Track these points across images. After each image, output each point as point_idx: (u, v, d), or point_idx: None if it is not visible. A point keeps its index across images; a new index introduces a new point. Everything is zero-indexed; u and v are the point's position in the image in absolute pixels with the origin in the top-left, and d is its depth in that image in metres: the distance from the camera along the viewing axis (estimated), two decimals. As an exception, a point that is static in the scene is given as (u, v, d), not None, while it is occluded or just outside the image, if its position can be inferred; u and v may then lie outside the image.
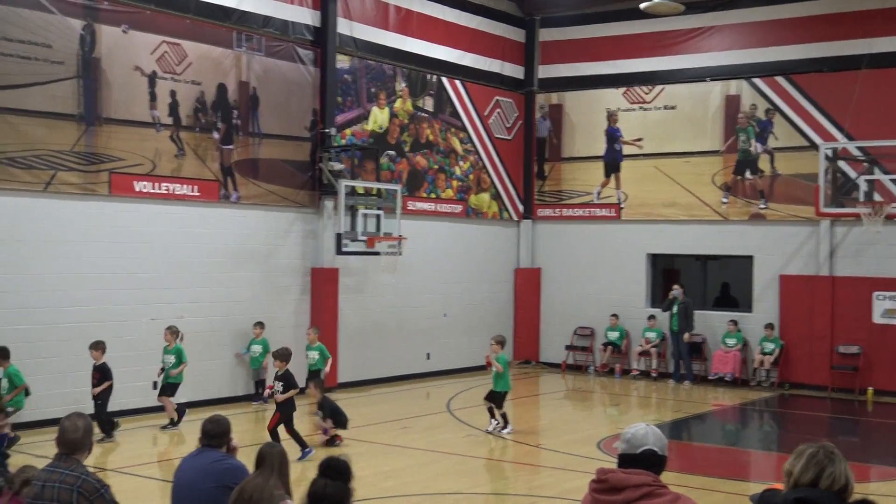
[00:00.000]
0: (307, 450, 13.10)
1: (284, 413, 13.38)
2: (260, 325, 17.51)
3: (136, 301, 16.21)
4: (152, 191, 16.47)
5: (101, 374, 14.37)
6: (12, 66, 14.65)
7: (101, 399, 14.33)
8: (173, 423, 15.22)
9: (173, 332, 15.49)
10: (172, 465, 7.27)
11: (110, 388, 14.40)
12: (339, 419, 14.38)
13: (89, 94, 15.62)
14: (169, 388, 15.46)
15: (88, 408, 14.15)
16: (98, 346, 14.45)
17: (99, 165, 15.76)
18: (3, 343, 14.02)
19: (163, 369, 15.47)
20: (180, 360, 15.41)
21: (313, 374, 16.24)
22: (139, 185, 16.29)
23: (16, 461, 7.23)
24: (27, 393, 14.25)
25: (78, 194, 15.48)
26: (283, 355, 13.61)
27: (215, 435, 6.92)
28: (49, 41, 15.07)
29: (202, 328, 17.13)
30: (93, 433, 6.19)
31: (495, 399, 15.52)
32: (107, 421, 14.17)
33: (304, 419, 16.20)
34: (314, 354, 16.67)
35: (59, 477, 5.90)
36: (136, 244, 16.25)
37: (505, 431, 15.34)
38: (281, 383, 13.42)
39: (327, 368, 16.69)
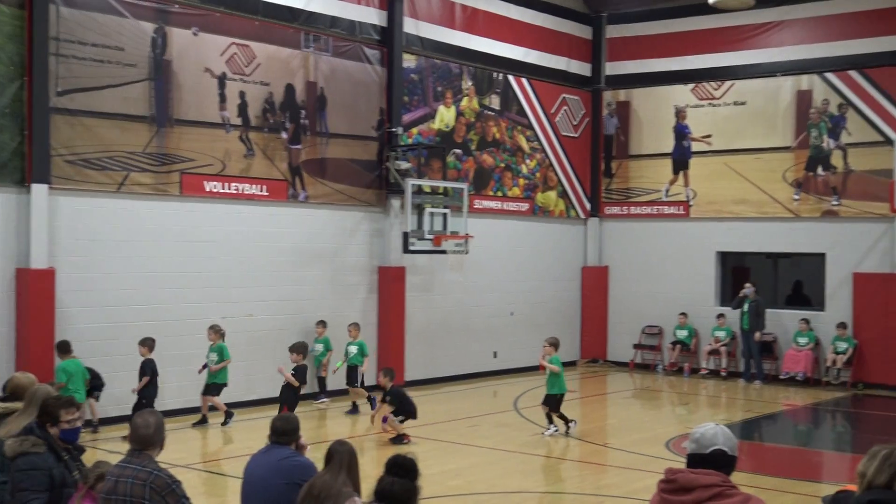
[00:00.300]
0: None
1: (290, 404, 13.88)
2: (322, 323, 17.66)
3: (207, 299, 16.44)
4: (222, 191, 16.70)
5: (142, 371, 14.51)
6: (87, 69, 14.96)
7: (145, 398, 14.37)
8: (229, 416, 15.50)
9: (216, 331, 15.64)
10: (241, 461, 7.36)
11: (153, 385, 14.49)
12: (408, 409, 14.45)
13: (160, 96, 15.89)
14: (214, 388, 15.56)
15: (157, 405, 14.42)
16: (145, 343, 14.60)
17: (170, 166, 16.02)
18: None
19: (205, 366, 15.65)
20: (222, 358, 15.61)
21: (351, 370, 17.26)
22: (209, 185, 16.53)
23: (88, 457, 7.37)
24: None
25: (150, 194, 15.76)
26: (299, 348, 14.19)
27: (284, 432, 7.00)
28: (122, 44, 15.35)
29: (270, 326, 17.32)
30: (164, 429, 6.29)
31: (550, 402, 15.31)
32: None
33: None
34: (353, 349, 17.36)
35: (132, 472, 6.01)
36: (205, 243, 16.49)
37: (569, 430, 15.22)
38: (292, 373, 14.14)
39: (365, 366, 17.32)
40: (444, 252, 19.41)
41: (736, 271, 23.24)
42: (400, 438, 14.28)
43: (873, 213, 20.64)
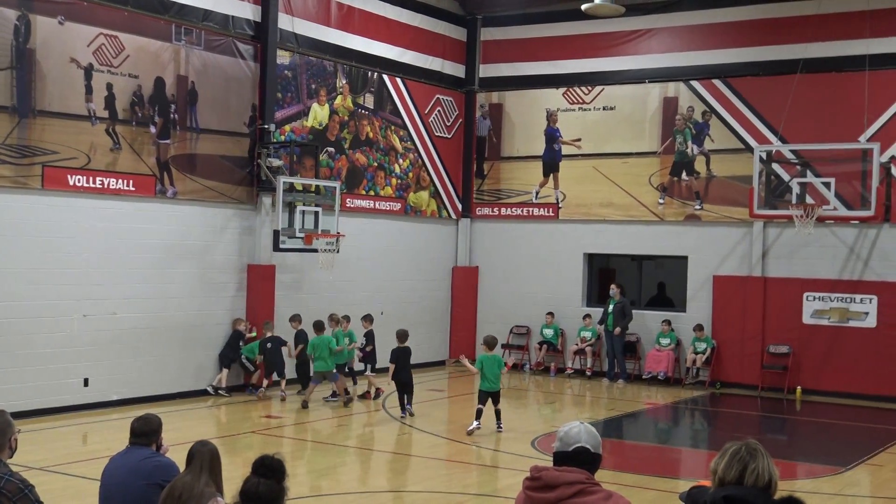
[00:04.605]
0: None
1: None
2: (346, 318, 18.97)
3: (69, 297, 15.94)
4: (86, 185, 16.21)
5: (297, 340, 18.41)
6: (-57, 55, 14.35)
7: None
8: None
9: (348, 319, 18.68)
10: (101, 463, 7.18)
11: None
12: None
13: (23, 86, 15.33)
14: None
15: (13, 405, 13.99)
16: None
17: (32, 158, 15.48)
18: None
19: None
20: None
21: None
22: (73, 179, 16.03)
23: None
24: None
25: (9, 188, 15.19)
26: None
27: (143, 433, 6.84)
28: (-19, 31, 14.78)
29: (137, 324, 16.90)
30: (10, 430, 5.99)
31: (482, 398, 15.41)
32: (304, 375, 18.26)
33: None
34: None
35: (-20, 478, 5.74)
36: (69, 239, 15.98)
37: (471, 427, 15.13)
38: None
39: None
40: (315, 251, 19.28)
41: (602, 273, 23.75)
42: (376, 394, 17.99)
43: (733, 218, 21.37)
